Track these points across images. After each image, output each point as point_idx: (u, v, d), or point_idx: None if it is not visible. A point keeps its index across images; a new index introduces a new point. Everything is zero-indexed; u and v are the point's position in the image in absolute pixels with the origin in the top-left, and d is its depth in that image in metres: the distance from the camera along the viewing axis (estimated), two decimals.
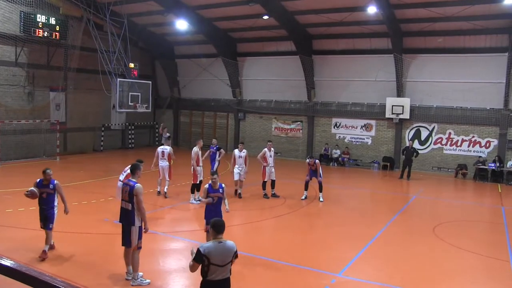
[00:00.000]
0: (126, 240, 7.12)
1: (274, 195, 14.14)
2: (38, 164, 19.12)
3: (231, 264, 4.92)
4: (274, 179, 14.15)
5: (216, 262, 4.74)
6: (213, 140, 16.59)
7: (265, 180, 14.01)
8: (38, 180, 8.14)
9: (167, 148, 13.52)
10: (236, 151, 13.86)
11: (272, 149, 14.23)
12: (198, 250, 4.77)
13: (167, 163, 13.36)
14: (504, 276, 8.13)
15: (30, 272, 2.01)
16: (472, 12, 17.19)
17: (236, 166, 13.71)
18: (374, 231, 10.66)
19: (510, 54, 18.20)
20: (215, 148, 15.41)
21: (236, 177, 13.78)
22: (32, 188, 7.99)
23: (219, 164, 15.57)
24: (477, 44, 19.17)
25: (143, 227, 7.16)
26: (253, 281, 7.62)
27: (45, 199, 8.12)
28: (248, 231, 10.70)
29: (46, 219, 8.09)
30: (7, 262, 2.13)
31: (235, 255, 4.93)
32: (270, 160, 13.96)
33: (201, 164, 13.15)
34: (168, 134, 18.75)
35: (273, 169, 14.06)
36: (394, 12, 18.40)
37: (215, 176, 8.31)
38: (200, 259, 4.74)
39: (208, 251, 4.71)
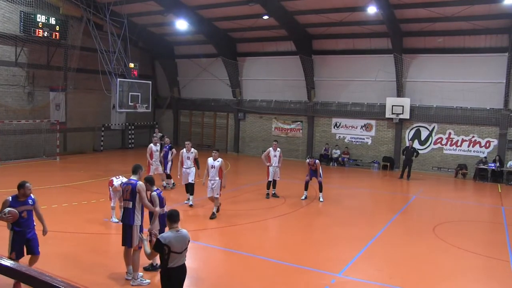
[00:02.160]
0: (127, 240, 7.14)
1: (274, 195, 14.14)
2: (38, 164, 19.19)
3: (186, 251, 5.41)
4: (277, 179, 14.14)
5: (176, 250, 5.20)
6: (166, 138, 16.26)
7: (270, 179, 13.98)
8: (10, 198, 6.52)
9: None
10: (210, 159, 11.50)
11: (278, 149, 14.19)
12: (158, 240, 5.21)
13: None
14: (504, 276, 8.13)
15: (30, 272, 2.01)
16: (472, 12, 17.19)
17: (209, 178, 11.42)
18: (374, 231, 10.66)
19: (510, 54, 18.20)
20: (167, 147, 15.17)
21: (209, 193, 11.45)
22: (9, 208, 6.38)
23: (171, 164, 15.17)
24: (477, 44, 19.17)
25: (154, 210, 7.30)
26: (253, 281, 7.61)
27: (26, 219, 6.55)
28: (248, 231, 10.69)
29: (32, 244, 6.65)
30: (7, 262, 2.13)
31: (189, 241, 5.46)
32: (275, 160, 13.93)
33: (186, 165, 12.74)
34: (160, 134, 18.76)
35: (277, 169, 14.02)
36: (394, 12, 18.39)
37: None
38: (160, 248, 5.17)
39: (168, 241, 5.16)
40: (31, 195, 6.73)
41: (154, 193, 7.47)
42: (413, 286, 7.50)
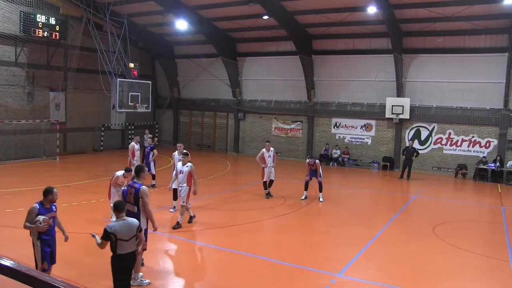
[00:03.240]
0: None
1: (268, 194, 14.07)
2: (38, 164, 19.19)
3: (136, 239, 5.71)
4: (273, 179, 14.12)
5: (122, 237, 5.52)
6: (149, 139, 16.13)
7: (265, 180, 13.99)
8: (37, 205, 6.22)
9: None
10: (179, 164, 10.59)
11: (271, 149, 14.17)
12: (105, 229, 5.52)
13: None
14: (504, 276, 8.13)
15: (30, 272, 2.01)
16: (472, 12, 17.20)
17: (178, 184, 10.51)
18: (374, 231, 10.66)
19: (510, 54, 18.20)
20: (149, 147, 15.09)
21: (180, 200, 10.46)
22: (42, 216, 6.11)
23: (154, 164, 15.10)
24: (477, 44, 19.17)
25: (151, 227, 7.23)
26: (254, 281, 7.61)
27: (52, 226, 6.40)
28: (248, 231, 10.69)
29: (53, 253, 6.47)
30: (7, 262, 2.13)
31: (139, 229, 5.73)
32: (269, 161, 13.92)
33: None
34: (151, 135, 18.80)
35: (272, 169, 13.99)
36: (394, 12, 18.39)
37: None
38: (107, 237, 5.50)
39: (114, 229, 5.50)
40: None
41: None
42: (413, 286, 7.50)
